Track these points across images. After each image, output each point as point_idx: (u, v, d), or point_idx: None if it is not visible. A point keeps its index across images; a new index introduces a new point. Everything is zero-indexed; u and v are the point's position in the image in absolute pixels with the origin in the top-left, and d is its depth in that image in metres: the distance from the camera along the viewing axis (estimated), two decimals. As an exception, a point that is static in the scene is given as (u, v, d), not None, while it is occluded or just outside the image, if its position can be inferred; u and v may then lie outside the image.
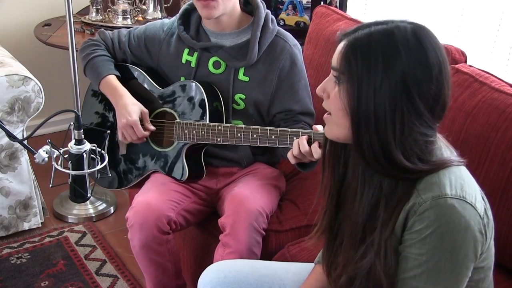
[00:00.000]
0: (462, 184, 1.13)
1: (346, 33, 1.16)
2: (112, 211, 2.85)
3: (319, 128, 1.65)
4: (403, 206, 1.14)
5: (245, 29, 1.94)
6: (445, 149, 1.19)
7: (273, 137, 1.75)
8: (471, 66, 1.89)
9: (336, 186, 1.30)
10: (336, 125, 1.18)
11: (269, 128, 1.76)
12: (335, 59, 1.16)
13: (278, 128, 1.75)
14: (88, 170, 1.48)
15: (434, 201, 1.10)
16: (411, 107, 1.10)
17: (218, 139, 1.83)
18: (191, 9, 1.97)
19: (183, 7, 2.01)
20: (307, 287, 1.44)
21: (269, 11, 1.96)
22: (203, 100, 1.87)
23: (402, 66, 1.09)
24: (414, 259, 1.13)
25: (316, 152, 1.61)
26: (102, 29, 2.16)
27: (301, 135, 1.65)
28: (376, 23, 1.14)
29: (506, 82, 1.78)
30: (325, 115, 1.21)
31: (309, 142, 1.62)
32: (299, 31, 2.77)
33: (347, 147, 1.27)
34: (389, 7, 2.84)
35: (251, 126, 1.79)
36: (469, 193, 1.13)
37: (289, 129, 1.72)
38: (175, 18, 2.02)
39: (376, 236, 1.16)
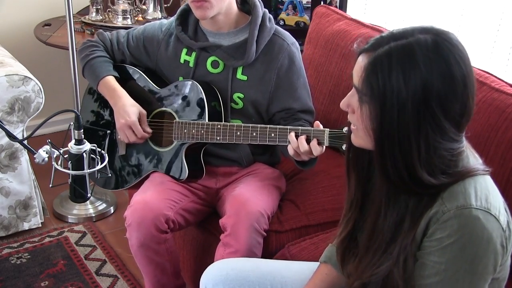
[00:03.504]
0: (487, 195, 1.11)
1: (364, 49, 1.13)
2: (112, 211, 2.85)
3: (320, 125, 1.65)
4: (425, 213, 1.12)
5: (243, 28, 1.94)
6: (471, 156, 1.17)
7: (272, 135, 1.75)
8: (471, 66, 1.89)
9: (361, 191, 1.29)
10: (362, 139, 1.17)
11: (268, 126, 1.76)
12: (356, 78, 1.13)
13: (278, 126, 1.75)
14: (88, 170, 1.48)
15: (458, 210, 1.08)
16: (436, 126, 1.07)
17: (218, 138, 1.84)
18: (189, 9, 1.96)
19: (181, 7, 2.01)
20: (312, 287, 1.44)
21: (266, 10, 1.96)
22: (201, 99, 1.87)
23: (425, 86, 1.05)
24: (432, 266, 1.12)
25: (316, 149, 1.62)
26: (101, 30, 2.16)
27: (301, 133, 1.65)
28: (395, 38, 1.09)
29: (506, 82, 1.78)
30: (352, 126, 1.20)
31: (308, 140, 1.62)
32: (299, 31, 2.77)
33: (370, 153, 1.24)
34: (389, 7, 2.84)
35: (250, 125, 1.79)
36: (494, 205, 1.11)
37: (288, 127, 1.72)
38: (173, 19, 2.02)
39: (398, 244, 1.14)
